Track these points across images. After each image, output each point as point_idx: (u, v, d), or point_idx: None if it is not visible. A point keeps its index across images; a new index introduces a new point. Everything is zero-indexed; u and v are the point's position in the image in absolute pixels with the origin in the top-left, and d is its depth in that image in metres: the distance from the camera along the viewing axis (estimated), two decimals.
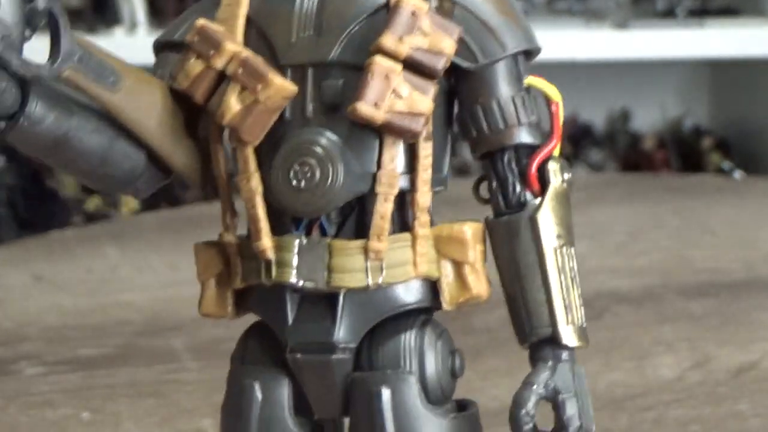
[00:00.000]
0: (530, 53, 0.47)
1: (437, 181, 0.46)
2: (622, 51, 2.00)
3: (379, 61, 0.43)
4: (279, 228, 0.45)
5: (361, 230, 0.45)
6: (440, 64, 0.44)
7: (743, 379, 0.81)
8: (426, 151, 0.45)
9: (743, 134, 2.31)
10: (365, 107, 0.43)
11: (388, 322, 0.46)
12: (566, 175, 0.46)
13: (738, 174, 2.11)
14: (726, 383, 0.81)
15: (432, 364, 0.46)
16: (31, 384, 0.82)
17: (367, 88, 0.43)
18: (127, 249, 1.15)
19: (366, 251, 0.44)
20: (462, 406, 0.47)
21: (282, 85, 0.44)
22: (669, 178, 1.83)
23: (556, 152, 0.46)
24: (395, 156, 0.44)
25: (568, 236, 0.46)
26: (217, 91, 0.45)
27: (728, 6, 2.18)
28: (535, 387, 0.44)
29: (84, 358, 0.87)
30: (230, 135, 0.45)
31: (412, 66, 0.44)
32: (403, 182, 0.45)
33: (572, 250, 0.46)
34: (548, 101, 0.47)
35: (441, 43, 0.44)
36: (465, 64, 0.45)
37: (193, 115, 0.47)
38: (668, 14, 2.11)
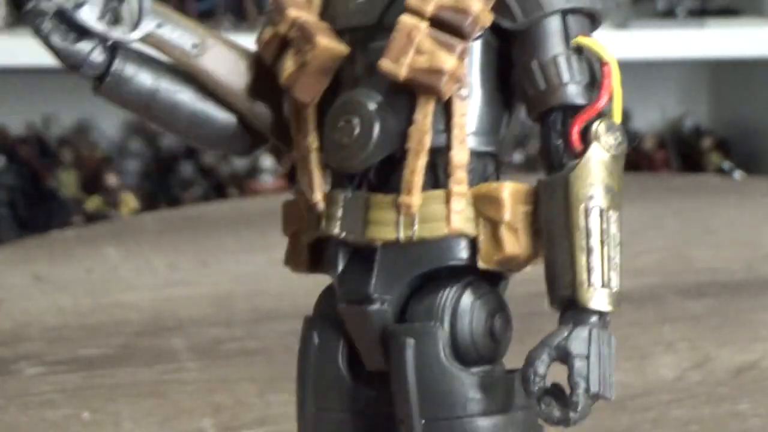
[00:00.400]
0: (587, 14, 0.47)
1: (490, 141, 0.47)
2: (622, 51, 1.99)
3: (404, 20, 0.45)
4: (336, 183, 0.48)
5: (399, 186, 0.46)
6: (466, 23, 0.45)
7: (743, 379, 0.81)
8: (462, 110, 0.45)
9: (743, 134, 2.31)
10: (387, 63, 0.45)
11: (433, 280, 0.46)
12: (616, 138, 0.45)
13: (738, 174, 2.11)
14: (726, 383, 0.81)
15: (465, 322, 0.46)
16: (31, 384, 0.82)
17: (391, 46, 0.45)
18: (127, 249, 1.15)
19: (398, 205, 0.45)
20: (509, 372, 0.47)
21: (327, 46, 0.46)
22: (669, 178, 1.83)
23: (616, 117, 0.45)
24: (428, 114, 0.45)
25: (609, 199, 0.44)
26: (281, 54, 0.47)
27: (728, 6, 2.18)
28: (547, 348, 0.44)
29: (84, 358, 0.86)
30: (288, 95, 0.48)
31: (440, 24, 0.45)
32: (438, 140, 0.45)
33: (614, 213, 0.44)
34: (600, 62, 0.46)
35: (467, 2, 0.45)
36: (505, 23, 0.46)
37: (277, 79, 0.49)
38: (668, 14, 2.11)
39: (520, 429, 0.46)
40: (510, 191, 0.46)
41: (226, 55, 0.48)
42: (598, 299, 0.44)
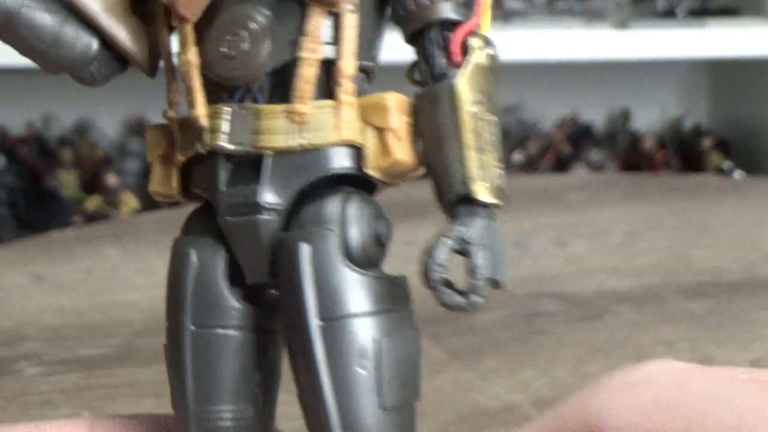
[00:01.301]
0: None
1: (366, 56, 0.47)
2: (622, 51, 2.00)
3: None
4: (215, 99, 0.47)
5: (288, 97, 0.46)
6: None
7: None
8: (350, 21, 0.46)
9: (743, 134, 2.31)
10: None
11: (316, 190, 0.47)
12: (489, 50, 0.47)
13: (738, 174, 2.11)
14: None
15: (355, 228, 0.46)
16: (31, 384, 0.82)
17: None
18: (127, 249, 1.15)
19: (290, 114, 0.46)
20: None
21: None
22: (669, 178, 1.83)
23: (483, 30, 0.47)
24: (319, 25, 0.46)
25: (490, 105, 0.47)
26: None
27: (728, 6, 2.18)
28: (444, 238, 0.45)
29: (84, 358, 0.86)
30: (171, 13, 0.47)
31: None
32: (328, 51, 0.46)
33: (493, 118, 0.47)
34: None
35: None
36: None
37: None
38: (668, 14, 2.12)
39: (410, 326, 0.47)
40: (395, 100, 0.47)
41: None
42: (490, 193, 0.46)
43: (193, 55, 0.47)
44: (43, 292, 1.03)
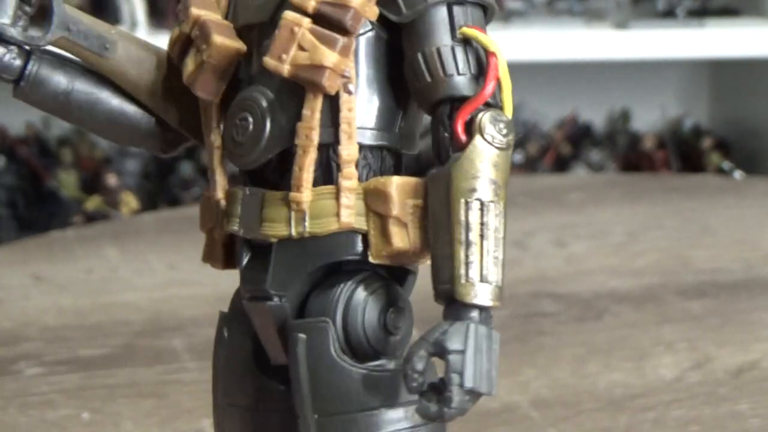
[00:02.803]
0: (477, 4, 0.46)
1: (381, 136, 0.46)
2: (622, 51, 2.00)
3: (287, 16, 0.45)
4: (237, 180, 0.48)
5: (290, 183, 0.46)
6: (347, 17, 0.44)
7: (743, 379, 0.81)
8: (349, 104, 0.45)
9: (743, 134, 2.31)
10: (270, 60, 0.45)
11: (332, 275, 0.46)
12: (499, 130, 0.44)
13: (738, 174, 2.11)
14: (726, 383, 0.81)
15: (358, 317, 0.46)
16: (31, 384, 0.82)
17: (274, 43, 0.45)
18: (127, 249, 1.15)
19: (288, 202, 0.46)
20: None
21: (222, 44, 0.46)
22: (669, 178, 1.83)
23: (507, 109, 0.45)
24: (315, 109, 0.45)
25: (492, 192, 0.44)
26: (186, 53, 0.48)
27: (728, 6, 2.18)
28: (425, 343, 0.43)
29: (84, 358, 0.86)
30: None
31: (322, 19, 0.44)
32: (327, 136, 0.45)
33: (496, 207, 0.44)
34: (486, 52, 0.45)
35: None
36: (392, 16, 0.45)
37: None
38: (668, 14, 2.11)
39: (414, 423, 0.45)
40: (397, 185, 0.45)
41: (137, 55, 0.49)
42: (476, 294, 0.43)
43: (215, 137, 0.48)
44: (43, 293, 1.03)
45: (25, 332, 0.92)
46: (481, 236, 0.43)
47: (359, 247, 0.46)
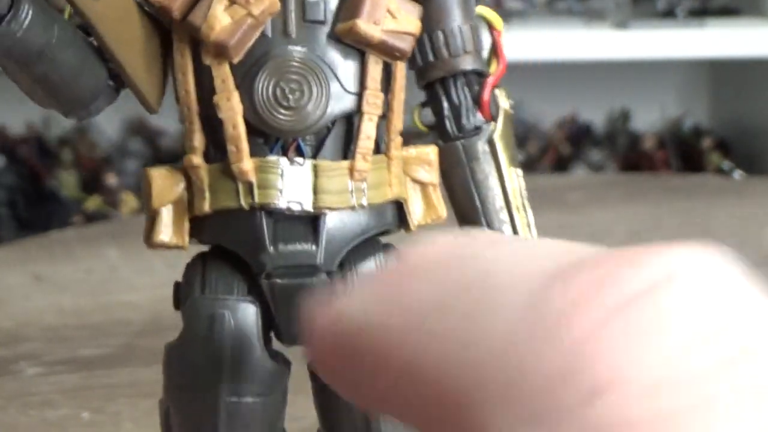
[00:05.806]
0: None
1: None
2: (622, 51, 2.00)
3: None
4: (253, 150, 0.44)
5: (342, 151, 0.44)
6: None
7: None
8: (402, 72, 0.45)
9: (743, 134, 2.31)
10: (365, 25, 0.43)
11: (358, 247, 0.45)
12: (510, 102, 0.47)
13: (738, 174, 2.11)
14: None
15: None
16: (31, 384, 0.82)
17: (365, 6, 0.43)
18: (127, 249, 1.15)
19: (351, 171, 0.44)
20: None
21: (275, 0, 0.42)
22: (669, 178, 1.83)
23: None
24: (378, 76, 0.44)
25: (517, 158, 0.47)
26: (198, 4, 0.43)
27: (728, 6, 2.18)
28: None
29: (84, 358, 0.86)
30: (209, 52, 0.43)
31: None
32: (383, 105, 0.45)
33: (521, 173, 0.47)
34: (491, 29, 0.47)
35: None
36: None
37: (164, 43, 0.45)
38: (668, 14, 2.12)
39: None
40: (435, 153, 0.46)
41: (124, 6, 0.43)
42: None
43: (236, 101, 0.43)
44: (43, 292, 1.03)
45: (25, 332, 0.92)
46: (527, 198, 0.47)
47: (396, 216, 0.46)
